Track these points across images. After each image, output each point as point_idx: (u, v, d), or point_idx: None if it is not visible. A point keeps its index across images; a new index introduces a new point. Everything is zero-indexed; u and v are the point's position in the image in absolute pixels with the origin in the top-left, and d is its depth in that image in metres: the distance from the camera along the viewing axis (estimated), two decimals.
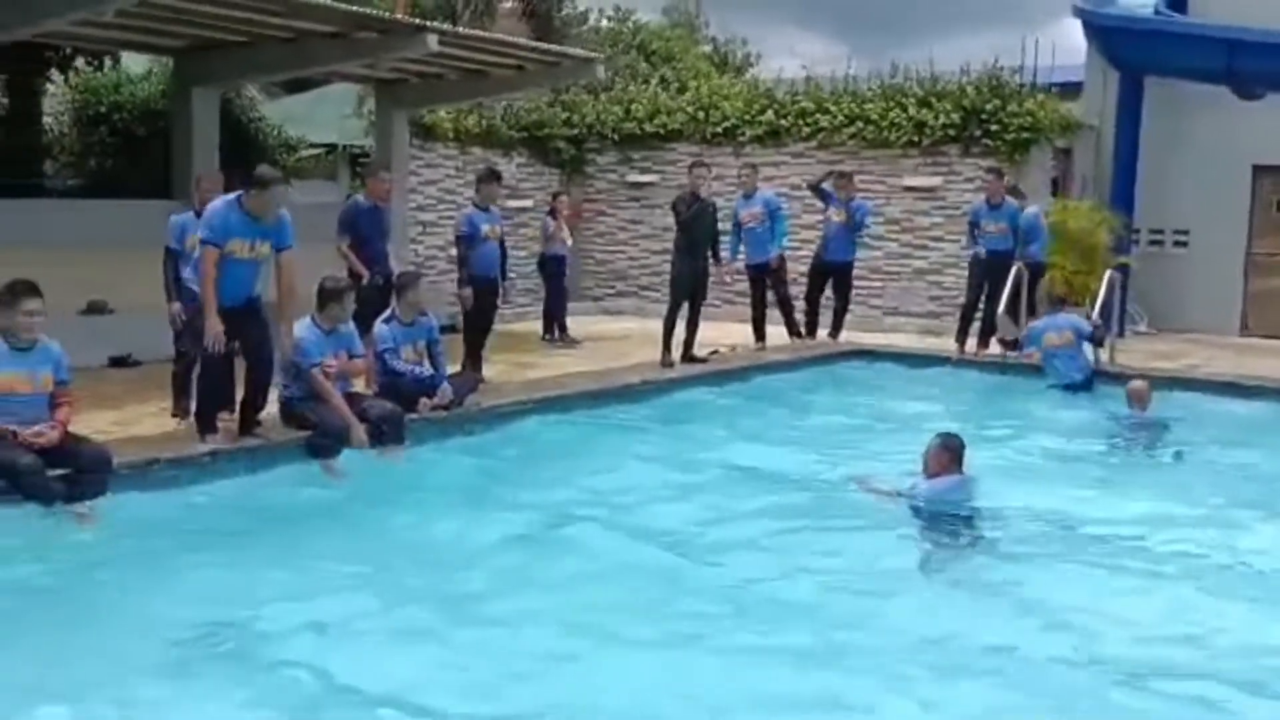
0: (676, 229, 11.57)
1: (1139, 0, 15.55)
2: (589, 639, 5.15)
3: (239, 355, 7.53)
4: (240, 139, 14.44)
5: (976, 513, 6.76)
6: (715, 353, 12.12)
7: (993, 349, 12.55)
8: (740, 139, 16.41)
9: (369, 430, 7.74)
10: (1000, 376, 11.88)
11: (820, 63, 18.39)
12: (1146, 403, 9.98)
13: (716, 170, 15.49)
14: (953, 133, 15.06)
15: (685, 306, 11.59)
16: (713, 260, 11.87)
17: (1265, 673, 4.94)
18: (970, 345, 12.67)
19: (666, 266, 12.27)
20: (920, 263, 15.41)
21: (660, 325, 11.69)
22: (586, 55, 14.97)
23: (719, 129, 16.61)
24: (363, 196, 10.32)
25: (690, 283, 11.57)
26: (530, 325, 14.16)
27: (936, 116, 15.09)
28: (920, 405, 10.56)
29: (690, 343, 11.67)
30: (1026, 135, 14.74)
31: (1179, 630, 5.45)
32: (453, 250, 11.55)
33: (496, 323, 11.08)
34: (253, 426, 7.64)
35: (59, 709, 4.35)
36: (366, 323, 8.60)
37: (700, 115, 16.79)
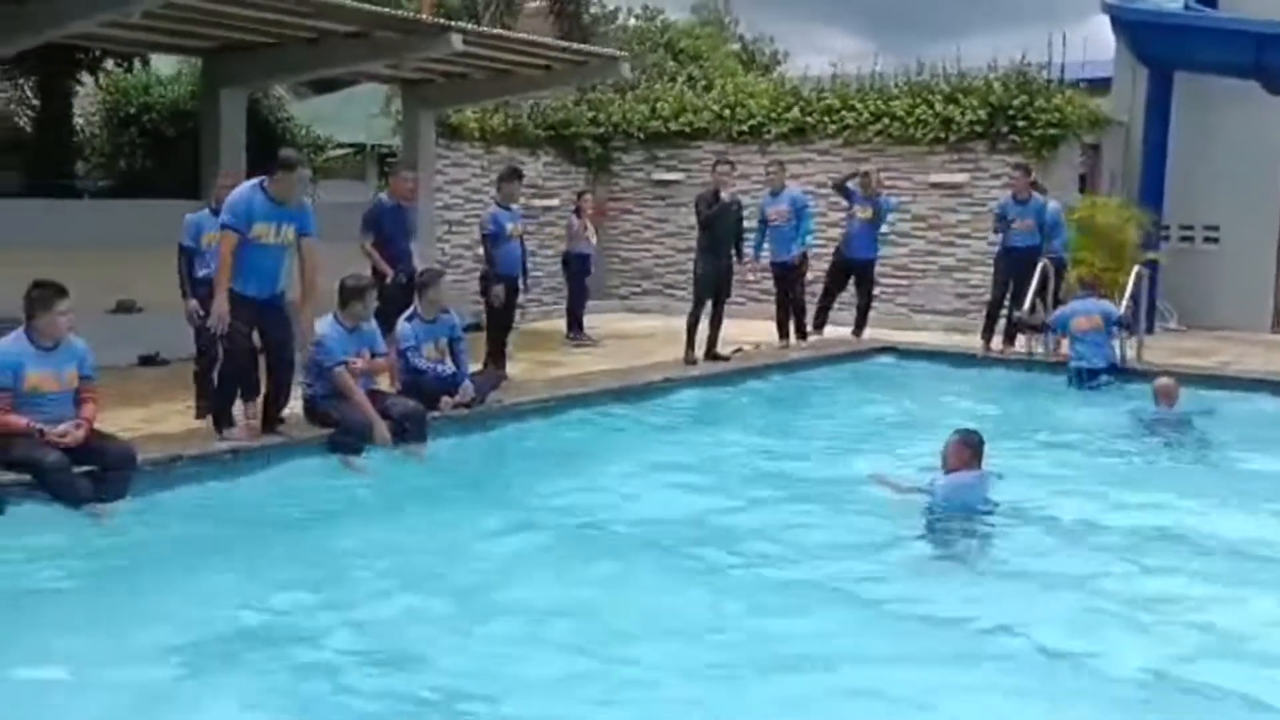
0: (699, 227, 11.58)
1: None
2: (603, 632, 5.16)
3: (260, 351, 7.58)
4: (268, 139, 14.53)
5: (994, 509, 6.72)
6: (739, 351, 12.11)
7: (1018, 345, 12.49)
8: (766, 137, 16.39)
9: (391, 428, 7.79)
10: (1025, 374, 11.80)
11: (849, 60, 18.38)
12: (1174, 400, 9.85)
13: (742, 169, 15.52)
14: (980, 129, 14.99)
15: (709, 305, 11.60)
16: (737, 258, 11.87)
17: None
18: (996, 342, 12.61)
19: (691, 265, 12.28)
20: (947, 260, 15.35)
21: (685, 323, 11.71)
22: (612, 54, 14.98)
23: (745, 127, 16.60)
24: (386, 195, 10.39)
25: (714, 281, 11.57)
26: (555, 324, 14.18)
27: (963, 113, 15.02)
28: (944, 402, 10.53)
29: (713, 341, 11.67)
30: (1054, 131, 14.66)
31: (1202, 624, 5.39)
32: (479, 249, 11.62)
33: (521, 321, 11.13)
34: (276, 424, 7.69)
35: (80, 703, 4.39)
36: (390, 321, 8.66)
37: (726, 113, 16.78)
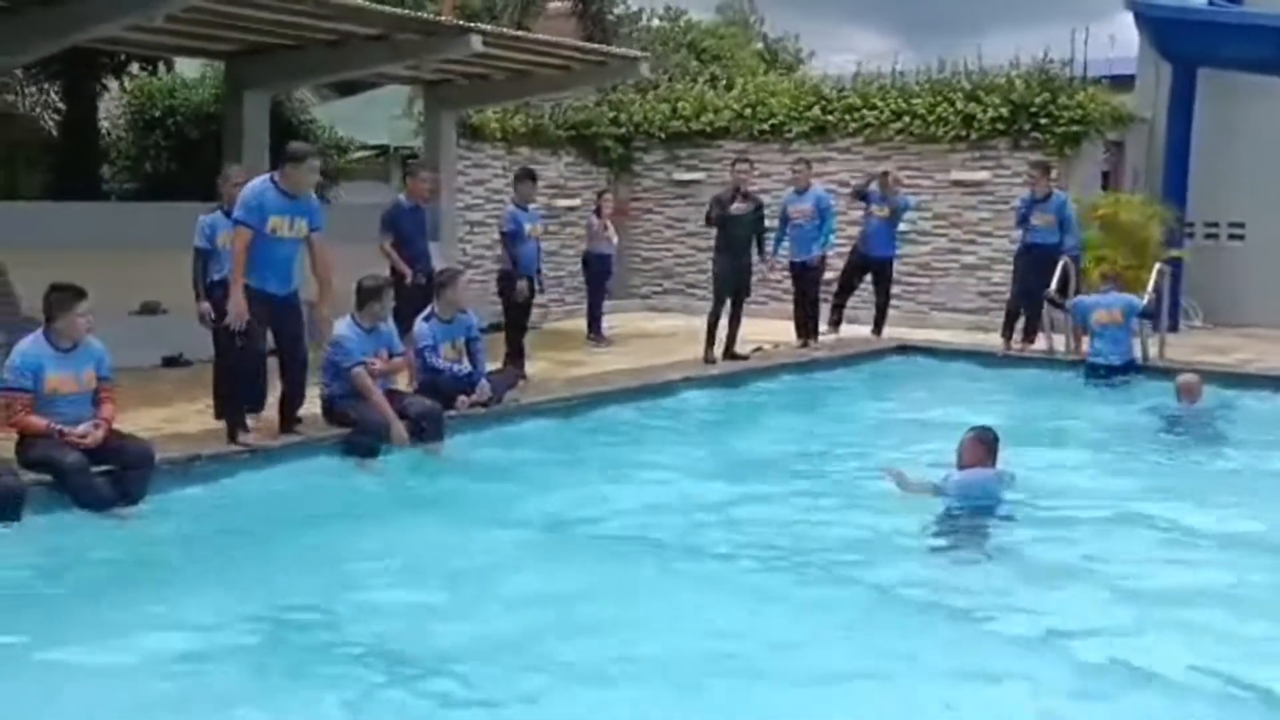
0: (716, 227, 11.58)
1: None
2: (621, 626, 5.19)
3: (272, 353, 7.62)
4: (290, 141, 14.61)
5: (1008, 506, 6.71)
6: (758, 350, 12.11)
7: (1039, 344, 12.44)
8: (787, 135, 16.37)
9: (409, 427, 7.84)
10: (1045, 372, 11.74)
11: (874, 59, 18.35)
12: (1196, 397, 9.82)
13: (763, 168, 15.53)
14: (1001, 127, 14.92)
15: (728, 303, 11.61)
16: (760, 256, 11.88)
17: None
18: (1016, 340, 12.56)
19: (711, 264, 12.28)
20: (969, 258, 15.29)
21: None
22: (632, 54, 15.03)
23: (766, 126, 16.58)
24: (404, 196, 10.45)
25: (732, 280, 11.57)
26: (577, 324, 14.22)
27: (985, 110, 14.96)
28: (962, 401, 10.48)
29: (732, 340, 11.67)
30: (1076, 128, 14.57)
31: (1216, 617, 5.38)
32: (499, 249, 11.67)
33: (543, 321, 11.18)
34: (293, 424, 7.75)
35: (98, 698, 4.44)
36: (408, 321, 8.72)
37: (747, 112, 16.76)
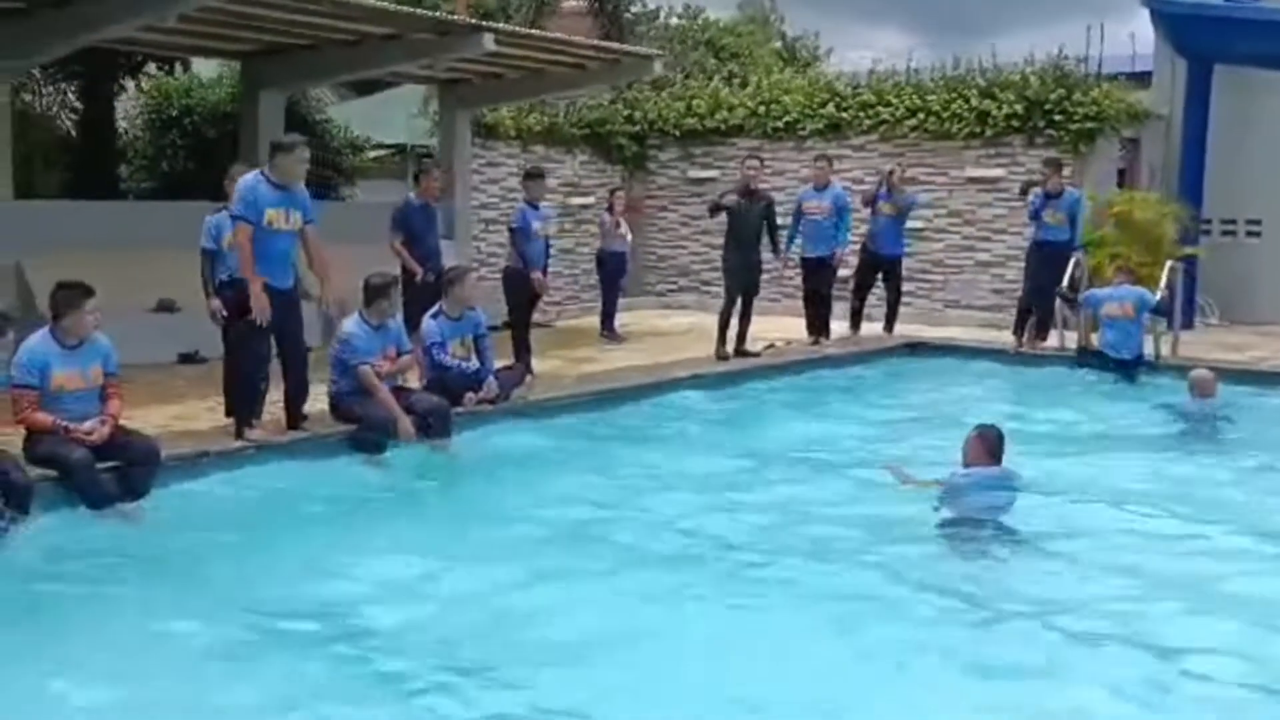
0: (727, 224, 11.59)
1: None
2: (623, 625, 5.23)
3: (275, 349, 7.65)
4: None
5: (1011, 504, 6.70)
6: (770, 347, 12.13)
7: (1050, 340, 12.41)
8: (801, 133, 16.35)
9: (416, 424, 7.89)
10: (1058, 369, 11.69)
11: (892, 57, 18.28)
12: (1210, 393, 9.74)
13: (777, 165, 15.53)
14: (1016, 123, 14.85)
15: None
16: (774, 253, 11.89)
17: None
18: (1027, 337, 12.51)
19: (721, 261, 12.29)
20: (983, 255, 15.24)
21: None
22: (645, 52, 15.05)
23: (780, 123, 16.54)
24: (415, 195, 10.50)
25: (744, 277, 11.59)
26: (590, 321, 14.25)
27: (1000, 107, 14.90)
28: (973, 398, 10.48)
29: (743, 336, 11.70)
30: (1091, 125, 14.50)
31: (1232, 612, 5.37)
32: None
33: (557, 319, 11.19)
34: (299, 421, 7.80)
35: (115, 695, 4.48)
36: (418, 319, 8.76)
37: (761, 110, 16.74)
